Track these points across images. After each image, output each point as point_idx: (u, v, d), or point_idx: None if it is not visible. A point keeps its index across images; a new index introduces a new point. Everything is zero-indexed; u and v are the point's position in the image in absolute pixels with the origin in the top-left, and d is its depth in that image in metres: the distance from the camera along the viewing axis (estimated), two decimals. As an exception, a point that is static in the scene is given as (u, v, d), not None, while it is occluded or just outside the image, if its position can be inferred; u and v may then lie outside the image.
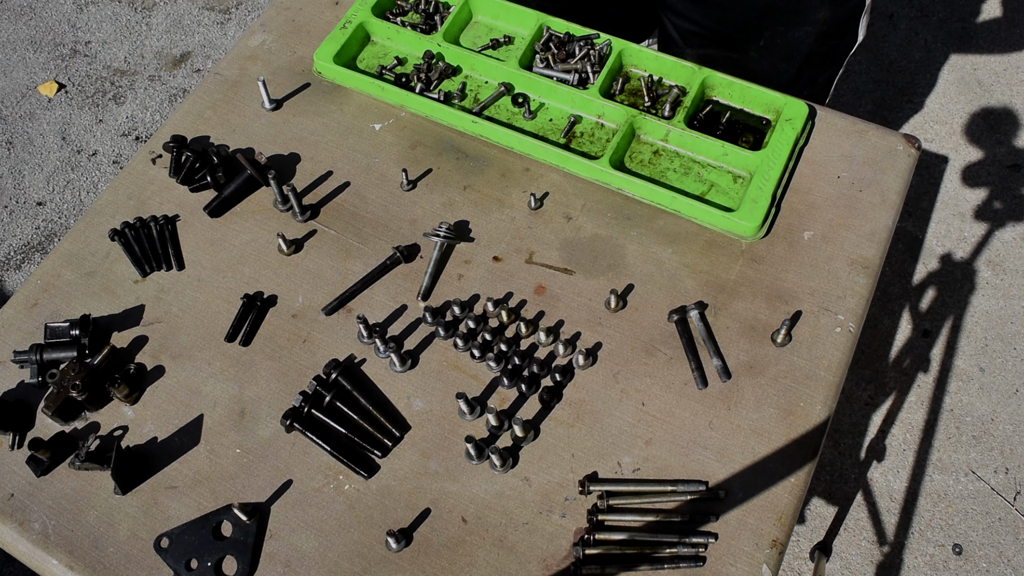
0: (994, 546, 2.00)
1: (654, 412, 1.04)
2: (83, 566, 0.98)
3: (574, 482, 1.00)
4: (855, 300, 1.11)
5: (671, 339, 1.09)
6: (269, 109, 1.32)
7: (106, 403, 1.08)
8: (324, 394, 1.05)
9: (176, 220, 1.23)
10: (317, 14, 1.43)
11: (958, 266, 2.40)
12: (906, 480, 2.09)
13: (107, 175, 2.69)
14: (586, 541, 0.96)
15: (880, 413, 2.19)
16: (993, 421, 2.16)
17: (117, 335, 1.13)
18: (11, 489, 1.03)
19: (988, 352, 2.25)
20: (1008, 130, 2.64)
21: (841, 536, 2.03)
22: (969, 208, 2.50)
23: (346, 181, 1.25)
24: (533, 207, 1.20)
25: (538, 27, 1.32)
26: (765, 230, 1.16)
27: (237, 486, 1.02)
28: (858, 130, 1.25)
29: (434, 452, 1.03)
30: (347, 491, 1.01)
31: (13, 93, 2.87)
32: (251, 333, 1.12)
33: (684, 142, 1.23)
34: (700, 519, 0.97)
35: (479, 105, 1.29)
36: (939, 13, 2.93)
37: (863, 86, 2.78)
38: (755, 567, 0.94)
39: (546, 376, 1.07)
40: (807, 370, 1.06)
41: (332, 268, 1.17)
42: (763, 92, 1.24)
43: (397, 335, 1.12)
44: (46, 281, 1.18)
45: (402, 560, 0.96)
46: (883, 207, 1.18)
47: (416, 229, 1.20)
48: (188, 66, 2.94)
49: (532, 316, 1.12)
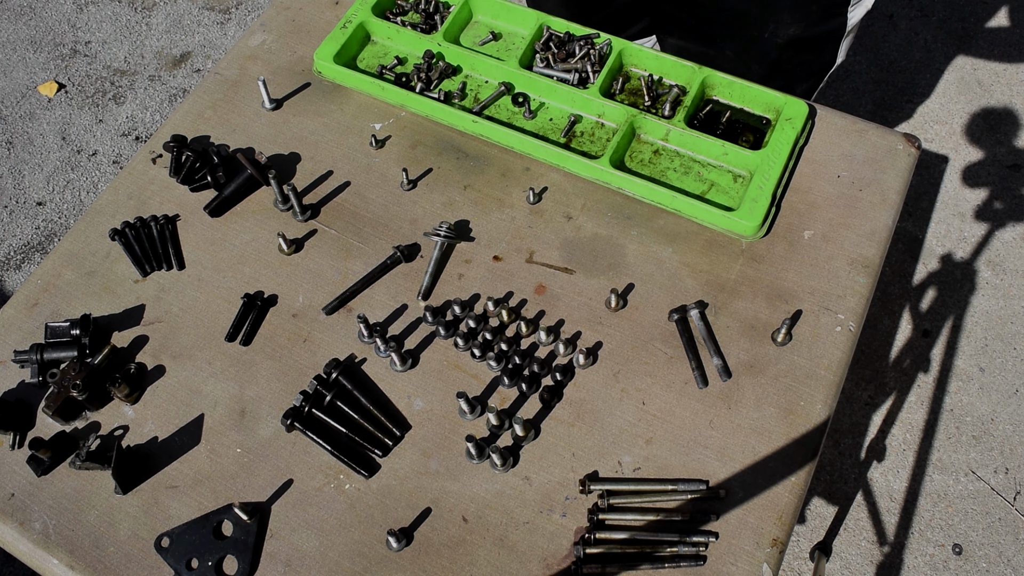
0: (994, 546, 2.00)
1: (654, 411, 1.04)
2: (84, 566, 0.98)
3: (575, 481, 1.00)
4: (855, 299, 1.11)
5: (671, 338, 1.09)
6: (269, 109, 1.32)
7: (106, 403, 1.08)
8: (324, 393, 1.05)
9: (176, 220, 1.23)
10: (317, 14, 1.43)
11: (958, 266, 2.40)
12: (906, 480, 2.09)
13: (107, 175, 2.69)
14: (587, 540, 0.96)
15: (880, 413, 2.19)
16: (993, 421, 2.16)
17: (117, 335, 1.13)
18: (12, 489, 1.03)
19: (988, 352, 2.25)
20: (1008, 130, 2.64)
21: (841, 536, 2.03)
22: (969, 208, 2.50)
23: (346, 181, 1.25)
24: (532, 202, 1.20)
25: (538, 27, 1.32)
26: (765, 229, 1.16)
27: (238, 486, 1.02)
28: (858, 130, 1.25)
29: (435, 451, 1.03)
30: (348, 490, 1.01)
31: (13, 93, 2.87)
32: (251, 333, 1.12)
33: (684, 141, 1.23)
34: (700, 518, 0.97)
35: (479, 105, 1.29)
36: (939, 13, 2.93)
37: (863, 86, 2.78)
38: (755, 566, 0.94)
39: (546, 375, 1.07)
40: (807, 369, 1.06)
41: (332, 268, 1.17)
42: (763, 92, 1.24)
43: (397, 335, 1.12)
44: (46, 281, 1.18)
45: (403, 559, 0.96)
46: (883, 206, 1.18)
47: (416, 229, 1.20)
48: (188, 66, 2.94)
49: (532, 315, 1.12)
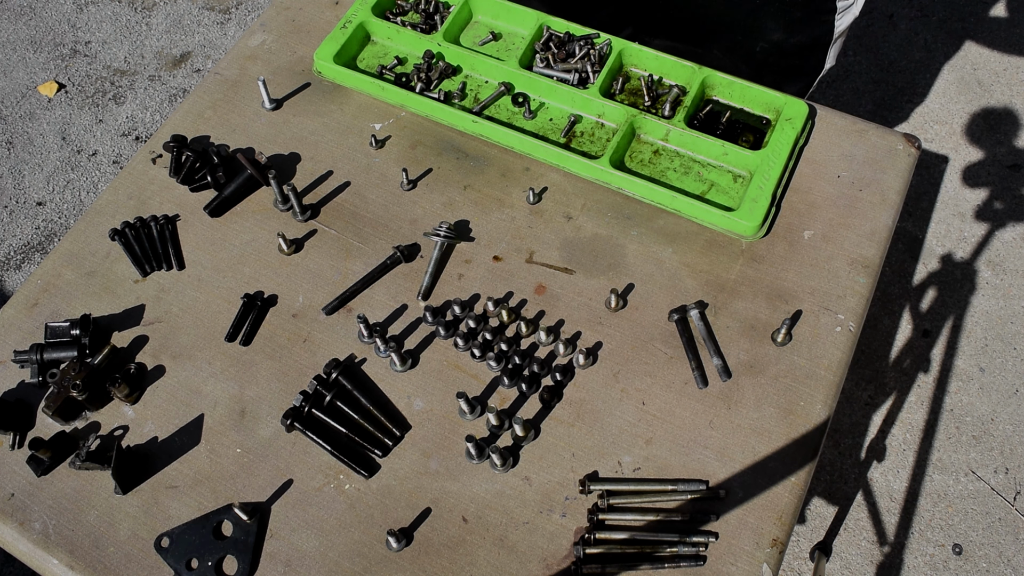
0: (994, 546, 2.00)
1: (654, 411, 1.04)
2: (84, 566, 0.98)
3: (574, 481, 1.00)
4: (855, 299, 1.11)
5: (671, 338, 1.09)
6: (269, 109, 1.32)
7: (106, 403, 1.08)
8: (324, 394, 1.05)
9: (176, 220, 1.23)
10: (317, 14, 1.43)
11: (958, 266, 2.40)
12: (906, 480, 2.09)
13: (107, 175, 2.69)
14: (587, 540, 0.96)
15: (880, 413, 2.19)
16: (993, 421, 2.16)
17: (117, 335, 1.13)
18: (11, 489, 1.03)
19: (988, 352, 2.25)
20: (1008, 130, 2.64)
21: (841, 536, 2.03)
22: (969, 208, 2.50)
23: (346, 181, 1.25)
24: (532, 202, 1.20)
25: (538, 27, 1.32)
26: (765, 229, 1.16)
27: (237, 486, 1.02)
28: (858, 130, 1.25)
29: (435, 451, 1.03)
30: (348, 490, 1.01)
31: (13, 93, 2.87)
32: (251, 333, 1.12)
33: (684, 142, 1.23)
34: (700, 518, 0.97)
35: (479, 105, 1.29)
36: (939, 13, 2.93)
37: (863, 86, 2.78)
38: (755, 566, 0.94)
39: (546, 375, 1.07)
40: (807, 369, 1.06)
41: (332, 268, 1.17)
42: (763, 92, 1.24)
43: (397, 335, 1.12)
44: (46, 281, 1.18)
45: (403, 559, 0.96)
46: (883, 206, 1.18)
47: (416, 229, 1.20)
48: (188, 66, 2.94)
49: (532, 316, 1.12)
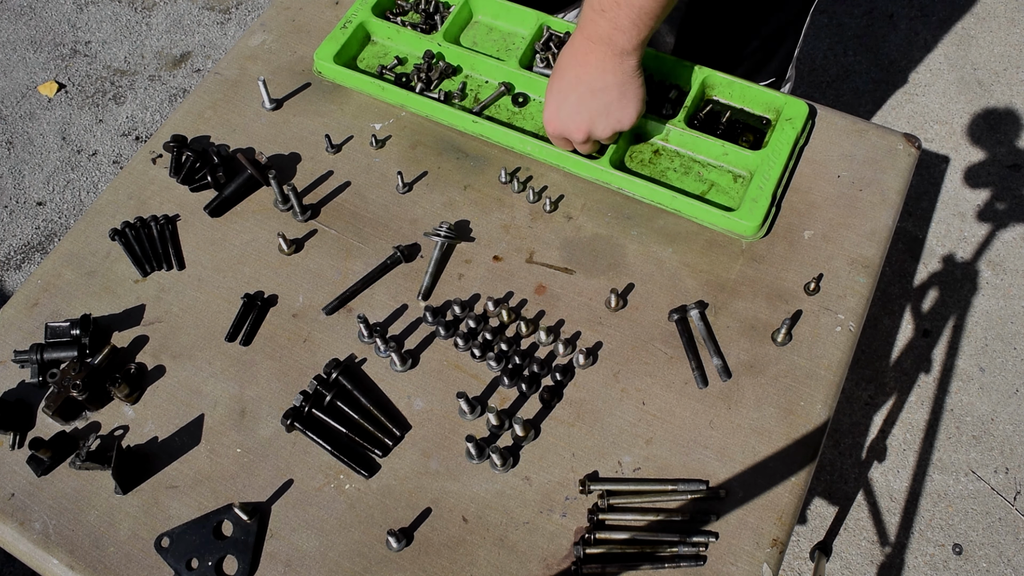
0: (994, 546, 2.00)
1: (654, 411, 1.04)
2: (84, 566, 0.98)
3: (575, 481, 1.00)
4: (855, 299, 1.11)
5: (671, 338, 1.09)
6: (269, 109, 1.32)
7: (106, 403, 1.08)
8: (324, 393, 1.05)
9: (176, 220, 1.23)
10: (317, 14, 1.43)
11: (958, 266, 2.40)
12: (906, 480, 2.09)
13: (107, 175, 2.69)
14: (587, 540, 0.96)
15: (880, 413, 2.19)
16: (993, 421, 2.16)
17: (117, 335, 1.13)
18: (12, 489, 1.03)
19: (988, 352, 2.25)
20: (1008, 130, 2.64)
21: (841, 536, 2.03)
22: (969, 208, 2.50)
23: (346, 181, 1.25)
24: (532, 202, 1.20)
25: (538, 27, 1.32)
26: (765, 229, 1.16)
27: (238, 485, 1.02)
28: (858, 130, 1.25)
29: (435, 451, 1.03)
30: (348, 490, 1.01)
31: (13, 93, 2.87)
32: (251, 333, 1.12)
33: (684, 141, 1.23)
34: (701, 518, 0.97)
35: (479, 105, 1.29)
36: (939, 13, 2.93)
37: (863, 86, 2.78)
38: (756, 566, 0.94)
39: (546, 375, 1.07)
40: (807, 369, 1.06)
41: (332, 268, 1.17)
42: (763, 92, 1.24)
43: (398, 335, 1.12)
44: (46, 281, 1.18)
45: (403, 559, 0.96)
46: (883, 206, 1.18)
47: (416, 229, 1.20)
48: (188, 66, 2.94)
49: (532, 315, 1.12)
